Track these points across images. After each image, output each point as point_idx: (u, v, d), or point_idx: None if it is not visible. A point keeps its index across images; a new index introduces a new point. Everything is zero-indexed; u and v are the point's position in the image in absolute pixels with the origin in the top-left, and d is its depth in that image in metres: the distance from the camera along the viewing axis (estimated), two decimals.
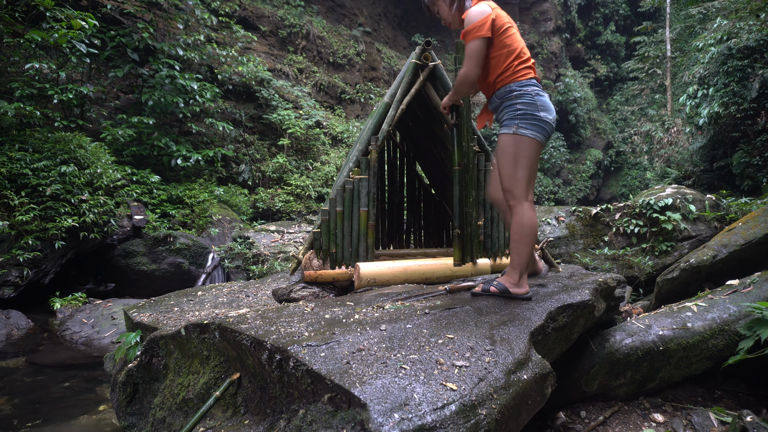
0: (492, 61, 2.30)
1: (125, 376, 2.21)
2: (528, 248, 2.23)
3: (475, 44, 2.24)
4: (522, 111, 2.21)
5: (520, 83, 2.25)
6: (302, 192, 10.74)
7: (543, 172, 18.23)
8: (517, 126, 2.20)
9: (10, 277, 5.15)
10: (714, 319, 2.66)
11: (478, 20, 2.24)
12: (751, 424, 1.96)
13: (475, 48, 2.25)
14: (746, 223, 4.33)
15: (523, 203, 2.22)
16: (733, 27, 9.01)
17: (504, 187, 2.28)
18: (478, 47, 2.24)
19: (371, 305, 2.15)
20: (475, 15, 2.26)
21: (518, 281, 2.24)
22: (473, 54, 2.25)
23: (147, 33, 8.42)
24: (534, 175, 2.26)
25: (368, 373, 1.39)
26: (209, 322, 1.91)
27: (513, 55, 2.26)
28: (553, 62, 20.38)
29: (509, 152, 2.22)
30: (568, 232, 5.93)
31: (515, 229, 2.24)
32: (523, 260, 2.23)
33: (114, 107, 9.05)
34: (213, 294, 3.39)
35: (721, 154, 9.37)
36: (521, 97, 2.23)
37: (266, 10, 13.31)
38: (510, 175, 2.23)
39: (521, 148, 2.20)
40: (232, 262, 7.04)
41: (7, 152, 5.60)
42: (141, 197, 7.75)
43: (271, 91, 11.63)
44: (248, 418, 1.64)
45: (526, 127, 2.19)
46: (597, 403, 2.53)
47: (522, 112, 2.21)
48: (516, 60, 2.26)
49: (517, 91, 2.24)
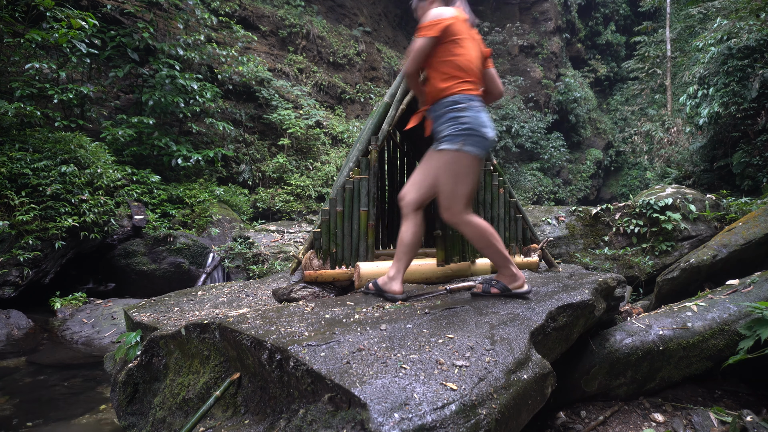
0: (440, 66, 2.24)
1: (125, 376, 2.21)
2: (497, 246, 2.25)
3: (420, 42, 2.21)
4: (467, 126, 2.17)
5: (467, 96, 2.21)
6: (302, 192, 10.74)
7: (543, 172, 18.23)
8: (463, 143, 2.16)
9: (11, 277, 5.15)
10: (714, 318, 2.66)
11: (432, 20, 2.21)
12: (751, 424, 1.96)
13: (419, 45, 2.21)
14: (746, 223, 4.33)
15: (463, 217, 2.22)
16: (733, 27, 9.02)
17: (443, 205, 2.26)
18: (421, 45, 2.21)
19: (371, 305, 2.15)
20: (432, 15, 2.24)
21: (514, 277, 2.26)
22: (415, 50, 2.23)
23: (147, 33, 8.42)
24: (471, 191, 2.24)
25: (368, 373, 1.39)
26: (209, 321, 1.91)
27: (463, 68, 2.22)
28: (553, 62, 20.38)
29: (452, 169, 2.18)
30: (568, 232, 5.93)
31: (477, 240, 2.26)
32: (502, 258, 2.26)
33: (114, 107, 9.05)
34: (213, 294, 3.39)
35: (721, 154, 9.37)
36: (467, 110, 2.18)
37: (266, 10, 13.30)
38: (450, 192, 2.20)
39: (464, 165, 2.17)
40: (232, 262, 7.04)
41: (8, 152, 5.60)
42: (141, 197, 7.76)
43: (271, 91, 11.63)
44: (248, 417, 1.64)
45: (471, 144, 2.16)
46: (597, 403, 2.53)
47: (467, 127, 2.16)
48: (465, 73, 2.22)
49: (462, 104, 2.19)
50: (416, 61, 2.24)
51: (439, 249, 2.81)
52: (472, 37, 2.32)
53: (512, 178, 17.24)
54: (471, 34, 2.33)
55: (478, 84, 2.29)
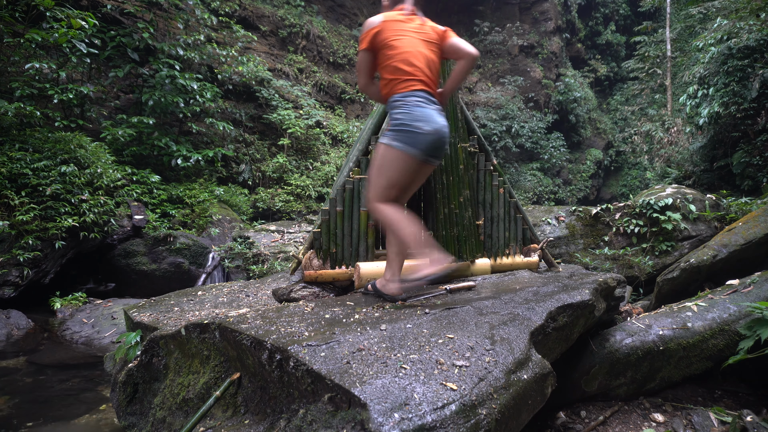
0: (382, 72, 2.35)
1: (125, 376, 2.21)
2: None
3: (359, 56, 2.39)
4: (398, 122, 2.23)
5: (402, 94, 2.27)
6: (302, 192, 10.74)
7: (543, 172, 18.23)
8: (391, 138, 2.23)
9: (11, 277, 5.15)
10: (714, 318, 2.66)
11: (363, 33, 2.34)
12: (751, 424, 1.97)
13: (358, 60, 2.38)
14: (746, 222, 4.33)
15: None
16: (734, 27, 9.01)
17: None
18: (359, 59, 2.38)
19: (371, 305, 2.15)
20: (365, 27, 2.35)
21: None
22: (357, 65, 2.40)
23: (147, 33, 8.42)
24: (396, 186, 2.26)
25: (368, 373, 1.39)
26: (209, 321, 1.91)
27: (399, 68, 2.28)
28: (553, 62, 20.37)
29: (377, 161, 2.28)
30: (568, 232, 5.93)
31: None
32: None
33: (114, 107, 9.05)
34: (213, 294, 3.39)
35: (721, 154, 9.37)
36: (401, 107, 2.25)
37: (266, 10, 13.30)
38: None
39: (388, 159, 2.23)
40: (232, 262, 7.04)
41: (8, 152, 5.60)
42: (141, 197, 7.75)
43: (271, 90, 11.63)
44: (248, 417, 1.64)
45: (398, 140, 2.21)
46: (597, 403, 2.53)
47: (398, 122, 2.23)
48: (401, 72, 2.28)
49: (398, 101, 2.27)
50: (360, 74, 2.41)
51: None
52: (411, 29, 2.35)
53: (512, 178, 17.24)
54: (410, 27, 2.35)
55: (421, 75, 2.29)
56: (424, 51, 2.33)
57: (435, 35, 2.39)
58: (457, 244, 2.88)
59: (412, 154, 2.20)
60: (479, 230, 3.06)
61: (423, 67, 2.31)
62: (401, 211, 2.24)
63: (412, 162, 2.23)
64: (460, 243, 2.89)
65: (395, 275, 2.28)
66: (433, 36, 2.39)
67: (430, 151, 2.23)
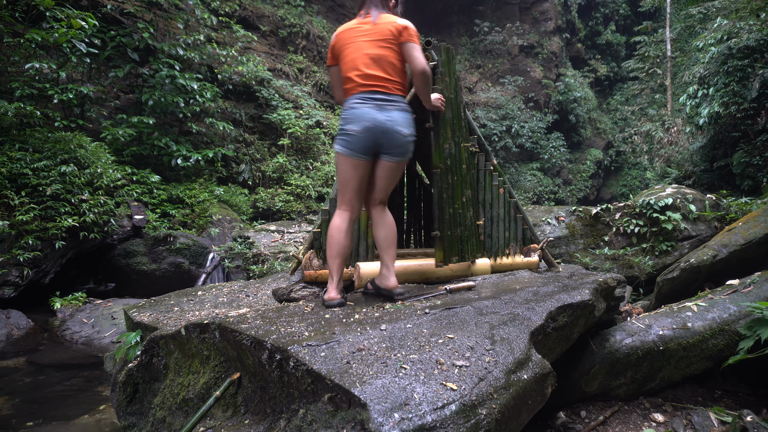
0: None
1: (125, 376, 2.21)
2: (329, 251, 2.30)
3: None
4: (339, 128, 2.35)
5: (346, 100, 2.37)
6: (302, 192, 10.74)
7: (543, 172, 18.22)
8: (336, 142, 2.36)
9: (11, 277, 5.15)
10: (714, 318, 2.66)
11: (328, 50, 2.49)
12: (751, 423, 1.97)
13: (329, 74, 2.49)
14: (746, 222, 4.33)
15: (337, 210, 2.37)
16: (734, 27, 9.01)
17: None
18: (330, 75, 2.51)
19: (371, 305, 2.15)
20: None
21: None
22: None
23: (147, 33, 8.42)
24: (348, 187, 2.32)
25: (368, 373, 1.39)
26: (209, 321, 1.91)
27: (346, 76, 2.37)
28: (553, 62, 20.37)
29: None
30: (569, 232, 5.93)
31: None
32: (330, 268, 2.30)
33: (114, 107, 9.04)
34: (213, 294, 3.39)
35: (721, 153, 9.37)
36: (342, 113, 2.37)
37: (266, 9, 13.30)
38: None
39: (337, 163, 2.38)
40: (232, 262, 7.04)
41: (8, 152, 5.60)
42: (141, 197, 7.75)
43: (271, 90, 11.63)
44: (248, 417, 1.64)
45: (338, 144, 2.33)
46: (597, 403, 2.53)
47: (339, 128, 2.35)
48: (349, 82, 2.36)
49: (343, 110, 2.37)
50: (334, 88, 2.52)
51: (437, 250, 2.81)
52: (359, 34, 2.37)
53: (512, 178, 17.23)
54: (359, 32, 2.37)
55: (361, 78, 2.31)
56: (370, 51, 2.33)
57: (389, 32, 2.33)
58: (460, 244, 2.88)
59: (349, 155, 2.28)
60: (479, 230, 3.06)
61: (364, 68, 2.31)
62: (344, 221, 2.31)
63: (354, 162, 2.28)
64: (462, 243, 2.89)
65: (389, 269, 2.31)
66: (386, 33, 2.33)
67: (366, 148, 2.27)
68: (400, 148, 2.30)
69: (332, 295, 2.20)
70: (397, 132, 2.26)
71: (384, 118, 2.26)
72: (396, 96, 2.33)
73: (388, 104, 2.29)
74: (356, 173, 2.29)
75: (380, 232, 2.36)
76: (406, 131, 2.30)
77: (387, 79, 2.32)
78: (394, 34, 2.33)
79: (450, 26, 20.03)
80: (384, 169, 2.34)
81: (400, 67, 2.37)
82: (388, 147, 2.28)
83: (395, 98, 2.32)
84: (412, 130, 2.33)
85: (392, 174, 2.35)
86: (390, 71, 2.34)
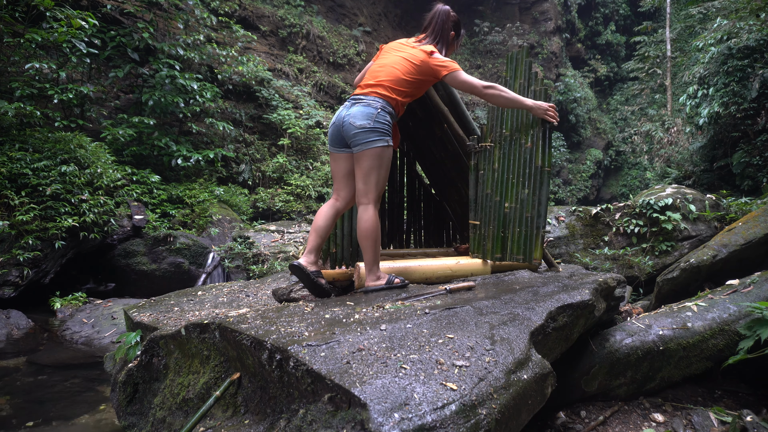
0: None
1: (125, 376, 2.21)
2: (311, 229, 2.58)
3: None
4: None
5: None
6: (302, 192, 10.74)
7: None
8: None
9: (10, 277, 5.15)
10: (714, 318, 2.66)
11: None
12: (751, 424, 1.97)
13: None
14: (746, 223, 4.33)
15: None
16: (733, 27, 9.01)
17: None
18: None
19: (371, 305, 2.15)
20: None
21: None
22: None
23: (147, 33, 8.42)
24: (334, 177, 2.61)
25: (368, 373, 1.39)
26: (209, 321, 1.91)
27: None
28: (553, 62, 20.37)
29: None
30: (568, 232, 5.93)
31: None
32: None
33: (114, 107, 9.04)
34: (213, 294, 3.39)
35: (721, 154, 9.37)
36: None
37: (266, 9, 13.30)
38: None
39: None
40: (232, 262, 7.04)
41: (7, 152, 5.60)
42: (141, 197, 7.75)
43: (271, 90, 11.63)
44: (248, 417, 1.64)
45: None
46: (597, 403, 2.53)
47: None
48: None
49: None
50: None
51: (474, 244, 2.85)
52: (392, 49, 2.64)
53: None
54: (394, 47, 2.66)
55: (362, 84, 2.57)
56: (385, 60, 2.57)
57: (414, 55, 2.54)
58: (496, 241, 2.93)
59: (329, 149, 2.59)
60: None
61: (369, 75, 2.56)
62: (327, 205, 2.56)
63: (332, 155, 2.58)
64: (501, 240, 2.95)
65: (375, 264, 2.49)
66: (410, 52, 2.55)
67: (334, 141, 2.53)
68: (353, 138, 2.41)
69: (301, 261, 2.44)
70: (350, 123, 2.41)
71: (344, 113, 2.46)
72: (368, 97, 2.45)
73: (356, 103, 2.46)
74: (335, 164, 2.56)
75: (357, 231, 2.49)
76: (358, 122, 2.39)
77: (373, 84, 2.49)
78: (418, 56, 2.53)
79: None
80: (355, 161, 2.46)
81: (403, 78, 2.50)
82: (348, 138, 2.44)
83: (366, 98, 2.45)
84: (366, 122, 2.39)
85: (362, 168, 2.42)
86: (382, 76, 2.49)
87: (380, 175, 2.43)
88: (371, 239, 2.42)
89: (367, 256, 2.46)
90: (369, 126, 2.38)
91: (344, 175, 2.54)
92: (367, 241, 2.43)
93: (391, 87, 2.47)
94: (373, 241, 2.42)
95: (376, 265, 2.48)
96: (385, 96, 2.46)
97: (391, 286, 2.47)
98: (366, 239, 2.43)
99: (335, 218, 2.55)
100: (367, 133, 2.38)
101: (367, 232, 2.42)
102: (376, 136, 2.39)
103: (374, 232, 2.42)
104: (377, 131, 2.39)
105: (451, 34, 2.72)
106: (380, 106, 2.43)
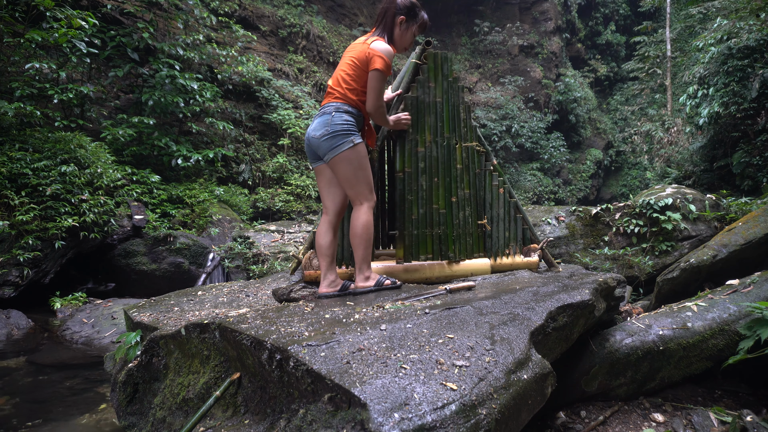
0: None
1: (125, 376, 2.21)
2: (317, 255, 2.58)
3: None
4: None
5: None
6: (302, 192, 10.74)
7: (543, 172, 18.23)
8: None
9: (11, 277, 5.15)
10: (714, 318, 2.66)
11: None
12: (751, 423, 1.97)
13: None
14: (746, 222, 4.33)
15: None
16: (733, 27, 9.01)
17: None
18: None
19: (371, 305, 2.15)
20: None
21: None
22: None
23: (147, 33, 8.42)
24: (320, 192, 2.61)
25: (368, 373, 1.39)
26: (209, 321, 1.91)
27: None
28: (553, 62, 20.36)
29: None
30: (568, 232, 5.93)
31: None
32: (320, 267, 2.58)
33: (114, 107, 9.04)
34: (213, 294, 3.39)
35: (721, 154, 9.37)
36: None
37: (266, 9, 13.30)
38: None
39: None
40: (232, 262, 7.04)
41: (7, 152, 5.59)
42: (141, 197, 7.75)
43: (271, 90, 11.63)
44: (248, 417, 1.64)
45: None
46: (597, 403, 2.53)
47: None
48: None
49: None
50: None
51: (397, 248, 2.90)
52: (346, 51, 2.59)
53: (512, 178, 17.23)
54: (351, 47, 2.57)
55: (331, 92, 2.53)
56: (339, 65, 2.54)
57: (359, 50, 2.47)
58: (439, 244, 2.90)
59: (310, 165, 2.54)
60: (480, 230, 3.06)
61: (331, 82, 2.54)
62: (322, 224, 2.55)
63: (314, 170, 2.60)
64: (446, 243, 2.90)
65: (365, 263, 2.52)
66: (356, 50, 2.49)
67: (310, 155, 2.57)
68: (319, 150, 2.46)
69: (322, 290, 2.47)
70: (312, 137, 2.46)
71: (309, 128, 2.51)
72: (324, 106, 2.49)
73: (316, 116, 2.50)
74: (318, 179, 2.58)
75: (349, 230, 2.53)
76: (318, 133, 2.43)
77: (328, 92, 2.52)
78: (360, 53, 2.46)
79: (450, 26, 20.02)
80: (332, 171, 2.49)
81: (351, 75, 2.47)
82: (317, 152, 2.48)
83: (322, 108, 2.49)
84: (324, 129, 2.42)
85: (339, 175, 2.45)
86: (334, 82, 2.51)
87: (359, 174, 2.43)
88: (361, 238, 2.44)
89: (357, 256, 2.47)
90: (327, 132, 2.40)
91: (326, 186, 2.55)
92: (356, 240, 2.45)
93: (344, 87, 2.47)
94: (362, 240, 2.43)
95: (366, 265, 2.49)
96: (338, 98, 2.46)
97: (381, 287, 2.47)
98: (355, 237, 2.45)
99: (333, 232, 2.52)
100: (328, 140, 2.40)
101: (356, 230, 2.44)
102: (338, 140, 2.39)
103: (364, 231, 2.43)
104: (337, 134, 2.39)
105: (400, 18, 2.55)
106: (333, 108, 2.44)
